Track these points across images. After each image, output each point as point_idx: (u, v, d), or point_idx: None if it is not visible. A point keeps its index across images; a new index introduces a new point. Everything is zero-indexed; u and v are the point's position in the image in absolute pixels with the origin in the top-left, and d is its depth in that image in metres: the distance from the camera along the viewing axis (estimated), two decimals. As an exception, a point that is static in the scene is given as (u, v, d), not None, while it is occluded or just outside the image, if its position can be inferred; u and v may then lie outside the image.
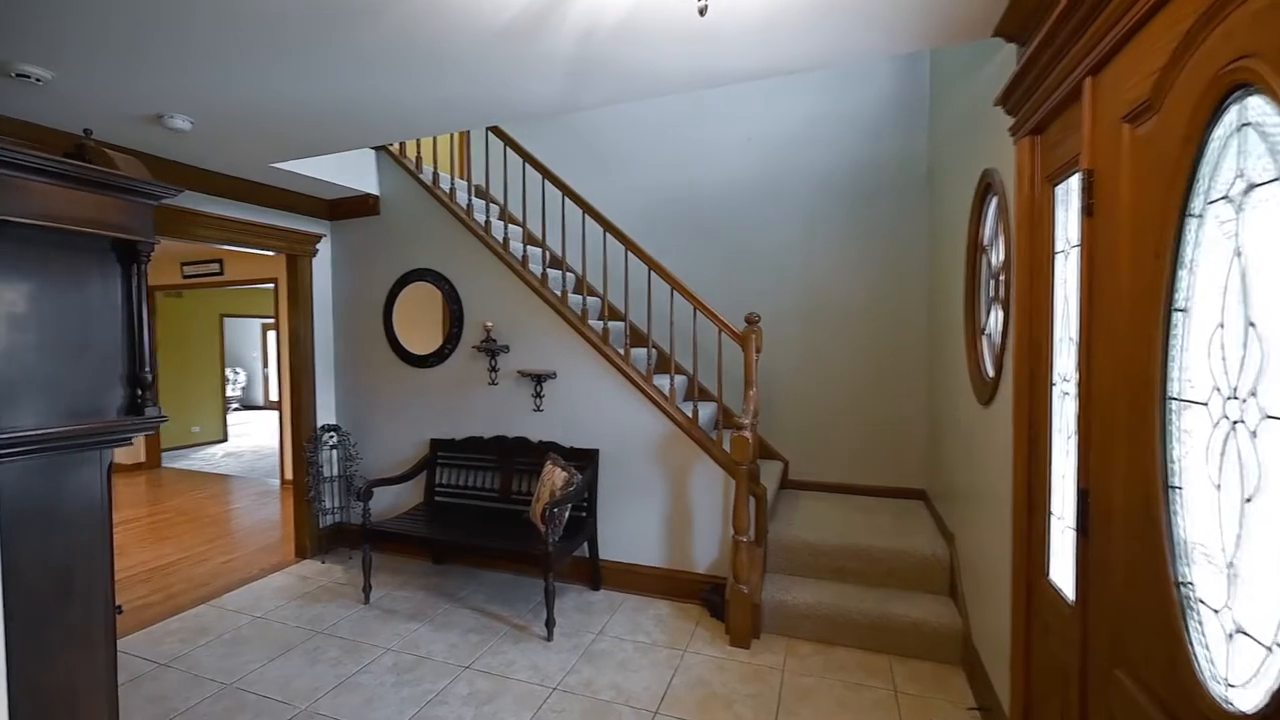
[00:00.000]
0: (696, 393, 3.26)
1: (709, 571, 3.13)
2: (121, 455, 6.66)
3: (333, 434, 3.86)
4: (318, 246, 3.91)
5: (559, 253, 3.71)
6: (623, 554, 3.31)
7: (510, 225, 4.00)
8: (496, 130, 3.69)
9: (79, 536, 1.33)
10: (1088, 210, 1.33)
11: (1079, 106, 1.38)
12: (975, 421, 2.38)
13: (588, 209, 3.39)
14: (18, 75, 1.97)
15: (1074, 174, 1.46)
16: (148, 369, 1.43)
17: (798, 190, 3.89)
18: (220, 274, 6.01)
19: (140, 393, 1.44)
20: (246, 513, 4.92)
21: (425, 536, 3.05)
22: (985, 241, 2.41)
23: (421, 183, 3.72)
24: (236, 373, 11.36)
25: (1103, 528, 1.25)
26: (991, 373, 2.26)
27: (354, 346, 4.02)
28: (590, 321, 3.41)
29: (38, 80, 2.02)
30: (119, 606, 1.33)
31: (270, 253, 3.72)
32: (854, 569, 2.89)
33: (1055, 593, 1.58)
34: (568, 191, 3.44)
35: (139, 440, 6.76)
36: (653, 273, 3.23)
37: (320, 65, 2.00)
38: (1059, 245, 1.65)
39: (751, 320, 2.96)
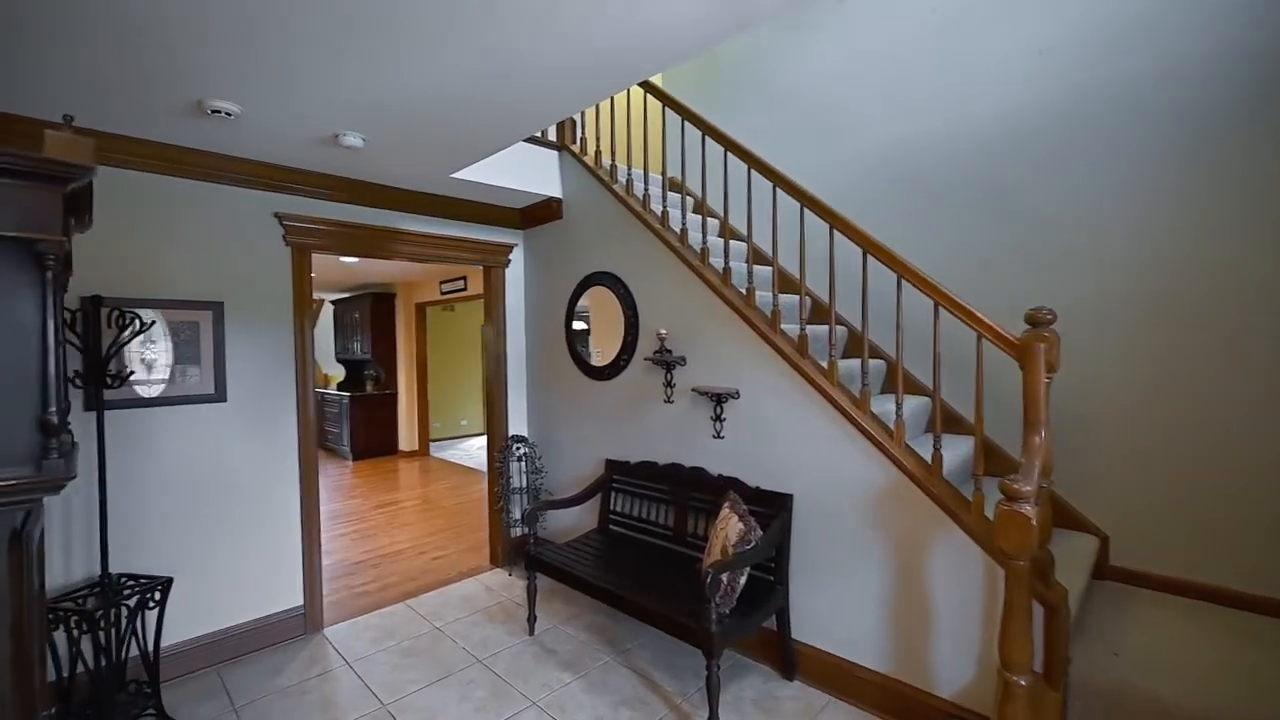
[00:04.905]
0: (939, 425, 2.22)
1: (957, 698, 2.08)
2: (403, 443, 8.05)
3: (520, 445, 3.81)
4: (510, 257, 3.91)
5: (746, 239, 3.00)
6: (825, 640, 2.45)
7: (690, 215, 3.43)
8: (665, 96, 3.15)
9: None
10: None
11: None
12: None
13: (780, 180, 2.62)
14: (212, 112, 2.14)
15: None
16: (54, 409, 1.09)
17: (1120, 118, 2.47)
18: (465, 289, 6.79)
19: (46, 439, 1.08)
20: (471, 509, 5.33)
21: (582, 579, 2.66)
22: None
23: (597, 176, 3.41)
24: (497, 374, 13.23)
25: None
26: None
27: (540, 356, 3.93)
28: (784, 326, 2.63)
29: (228, 115, 2.17)
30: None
31: (471, 265, 3.83)
32: (1272, 783, 1.54)
33: None
34: (755, 163, 2.72)
35: (413, 429, 8.04)
36: (869, 256, 2.31)
37: (439, 40, 1.70)
38: None
39: (1039, 320, 1.84)
